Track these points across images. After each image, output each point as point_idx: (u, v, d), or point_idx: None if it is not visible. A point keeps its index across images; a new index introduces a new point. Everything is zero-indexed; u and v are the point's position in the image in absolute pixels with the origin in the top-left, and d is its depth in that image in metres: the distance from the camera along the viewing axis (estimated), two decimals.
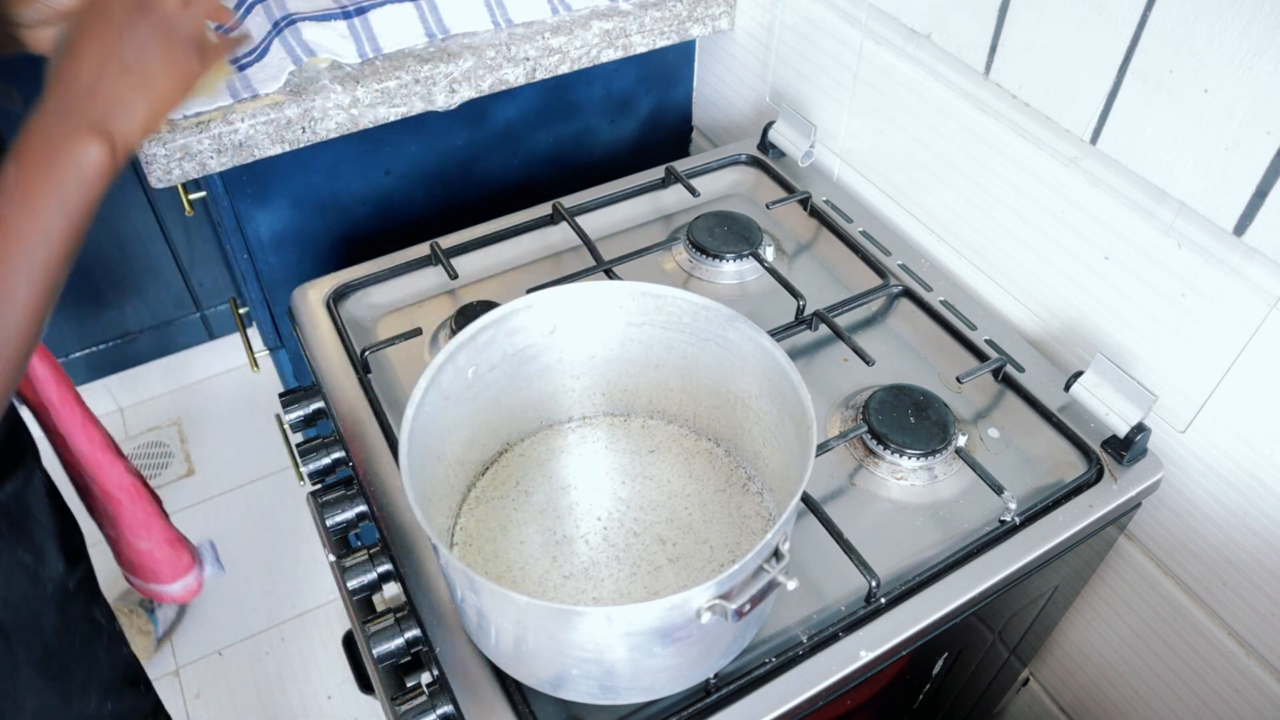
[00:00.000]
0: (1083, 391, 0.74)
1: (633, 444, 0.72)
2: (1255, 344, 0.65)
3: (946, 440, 0.72)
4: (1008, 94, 0.76)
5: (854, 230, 0.93)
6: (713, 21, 1.07)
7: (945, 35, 0.79)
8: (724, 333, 0.64)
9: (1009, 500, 0.68)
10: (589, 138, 1.16)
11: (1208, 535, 0.74)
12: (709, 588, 0.50)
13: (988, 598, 0.66)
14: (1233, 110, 0.59)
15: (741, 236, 0.90)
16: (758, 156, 1.02)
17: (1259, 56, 0.57)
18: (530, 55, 0.96)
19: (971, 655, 0.82)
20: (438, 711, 0.60)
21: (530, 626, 0.54)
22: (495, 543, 0.66)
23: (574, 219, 0.91)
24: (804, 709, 0.60)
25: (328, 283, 0.86)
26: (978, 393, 0.79)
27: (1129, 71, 0.65)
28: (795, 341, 0.83)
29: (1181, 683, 0.81)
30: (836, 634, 0.62)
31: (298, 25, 0.94)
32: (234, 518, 1.78)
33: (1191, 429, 0.72)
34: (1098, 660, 0.89)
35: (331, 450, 0.79)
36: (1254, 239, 0.61)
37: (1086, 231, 0.75)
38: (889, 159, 0.93)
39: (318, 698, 1.52)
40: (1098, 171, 0.72)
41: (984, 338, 0.82)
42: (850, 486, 0.72)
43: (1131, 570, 0.81)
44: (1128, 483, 0.72)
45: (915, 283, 0.88)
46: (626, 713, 0.59)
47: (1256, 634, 0.73)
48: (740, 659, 0.61)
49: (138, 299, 1.83)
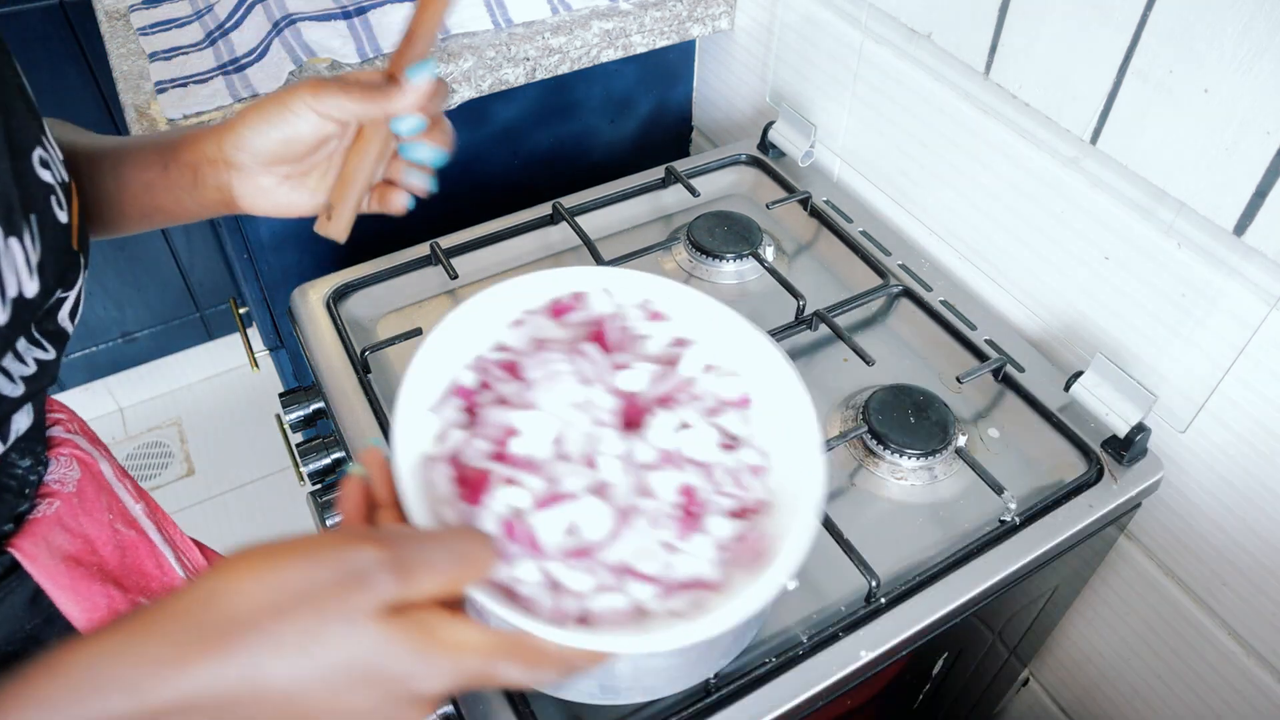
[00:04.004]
0: (1083, 391, 0.74)
1: None
2: (1255, 344, 0.65)
3: (946, 440, 0.72)
4: (1008, 94, 0.76)
5: (854, 230, 0.93)
6: (713, 21, 1.07)
7: (945, 35, 0.79)
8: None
9: (1009, 500, 0.68)
10: (589, 138, 1.15)
11: (1208, 535, 0.74)
12: None
13: (988, 598, 0.66)
14: (1233, 110, 0.59)
15: (741, 236, 0.90)
16: (758, 156, 1.02)
17: (1259, 56, 0.57)
18: (530, 55, 0.96)
19: (971, 655, 0.82)
20: (438, 711, 0.60)
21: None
22: None
23: (574, 219, 0.91)
24: (804, 709, 0.60)
25: (328, 283, 0.86)
26: (978, 393, 0.79)
27: (1129, 71, 0.65)
28: (795, 341, 0.83)
29: (1181, 683, 0.81)
30: (836, 634, 0.62)
31: (298, 25, 0.94)
32: (234, 518, 1.78)
33: (1191, 429, 0.72)
34: (1098, 660, 0.89)
35: (331, 450, 0.79)
36: (1254, 239, 0.61)
37: (1086, 231, 0.75)
38: (889, 159, 0.93)
39: None
40: (1098, 171, 0.72)
41: (984, 338, 0.82)
42: (850, 486, 0.72)
43: (1131, 570, 0.81)
44: (1128, 483, 0.72)
45: (915, 283, 0.88)
46: (626, 713, 0.59)
47: (1256, 634, 0.73)
48: (740, 659, 0.61)
49: (137, 299, 1.83)
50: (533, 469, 0.38)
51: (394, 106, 0.53)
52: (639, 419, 0.41)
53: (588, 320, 0.46)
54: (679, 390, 0.43)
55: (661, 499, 0.39)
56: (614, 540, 0.37)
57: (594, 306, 0.46)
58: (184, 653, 0.31)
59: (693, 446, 0.41)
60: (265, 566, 0.33)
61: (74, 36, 1.47)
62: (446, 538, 0.36)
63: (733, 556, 0.39)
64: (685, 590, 0.38)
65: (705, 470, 0.41)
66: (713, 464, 0.41)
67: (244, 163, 0.54)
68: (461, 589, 0.35)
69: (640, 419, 0.41)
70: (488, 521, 0.37)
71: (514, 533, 0.37)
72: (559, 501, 0.37)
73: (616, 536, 0.37)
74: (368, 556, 0.33)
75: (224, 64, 0.94)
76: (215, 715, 0.32)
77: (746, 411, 0.44)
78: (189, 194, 0.56)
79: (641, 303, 0.47)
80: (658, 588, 0.38)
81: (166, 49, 0.96)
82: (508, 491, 0.37)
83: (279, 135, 0.53)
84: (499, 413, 0.40)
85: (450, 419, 0.41)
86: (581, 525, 0.37)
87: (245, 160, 0.54)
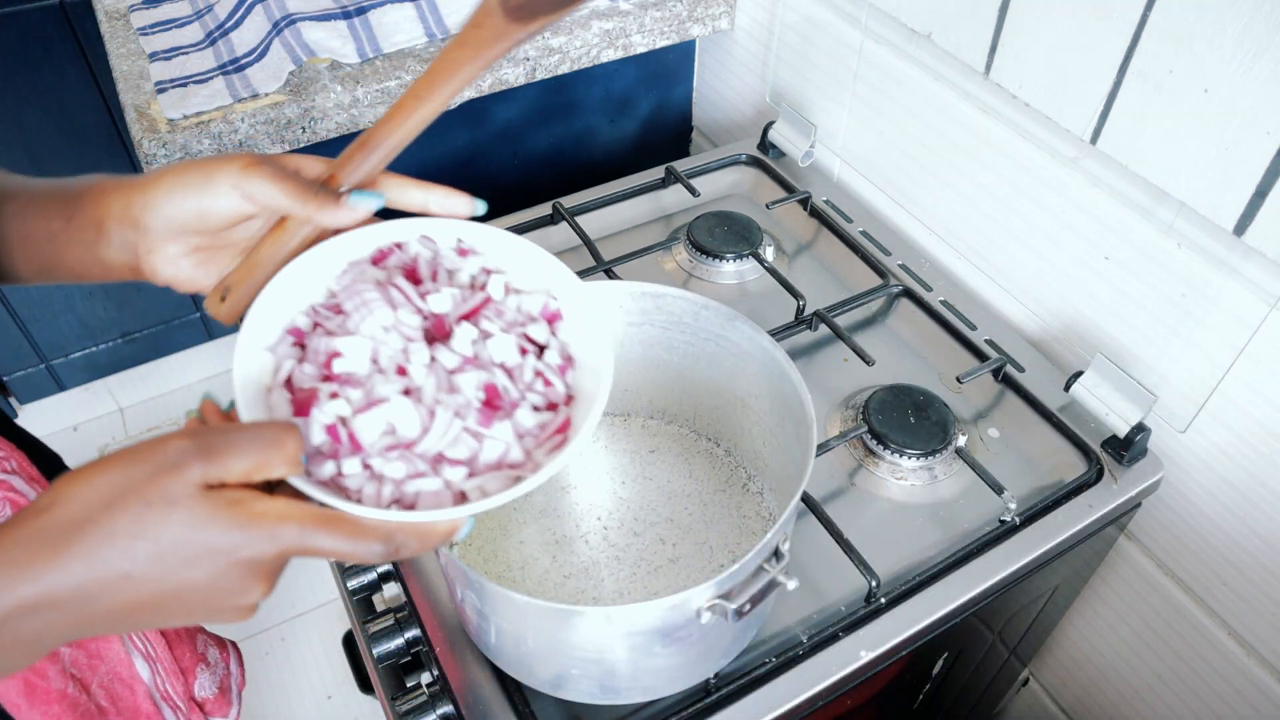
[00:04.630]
0: (1083, 391, 0.74)
1: (633, 444, 0.72)
2: (1255, 344, 0.65)
3: (946, 440, 0.72)
4: (1008, 94, 0.76)
5: (854, 230, 0.93)
6: (713, 21, 1.07)
7: (945, 35, 0.79)
8: (724, 333, 0.64)
9: (1009, 500, 0.68)
10: (589, 138, 1.15)
11: (1208, 535, 0.74)
12: (709, 587, 0.50)
13: (988, 598, 0.66)
14: (1233, 110, 0.59)
15: (741, 236, 0.90)
16: (758, 156, 1.02)
17: (1259, 56, 0.57)
18: (530, 55, 0.96)
19: (971, 655, 0.82)
20: (438, 711, 0.60)
21: (530, 626, 0.54)
22: (495, 542, 0.66)
23: (574, 219, 0.91)
24: (804, 709, 0.60)
25: None
26: (978, 393, 0.79)
27: (1129, 71, 0.65)
28: (795, 341, 0.83)
29: (1181, 683, 0.81)
30: (836, 634, 0.62)
31: (298, 25, 0.94)
32: None
33: (1191, 429, 0.72)
34: (1098, 660, 0.89)
35: None
36: (1254, 239, 0.61)
37: (1086, 231, 0.75)
38: (889, 159, 0.93)
39: (318, 698, 1.52)
40: (1098, 171, 0.72)
41: (984, 338, 0.82)
42: (850, 486, 0.72)
43: (1131, 570, 0.81)
44: (1128, 483, 0.72)
45: (915, 283, 0.88)
46: (626, 713, 0.59)
47: (1256, 634, 0.73)
48: (740, 659, 0.61)
49: (137, 299, 1.83)
50: (353, 383, 0.45)
51: (324, 220, 0.48)
52: (447, 335, 0.48)
53: (403, 261, 0.51)
54: (483, 307, 0.49)
55: (466, 395, 0.45)
56: (425, 435, 0.44)
57: (410, 250, 0.52)
58: (33, 556, 0.36)
59: (494, 351, 0.47)
60: (93, 472, 0.37)
61: (74, 36, 1.47)
62: (252, 427, 0.40)
63: (538, 443, 0.46)
64: (493, 471, 0.44)
65: (509, 372, 0.47)
66: (516, 366, 0.48)
67: (152, 226, 0.48)
68: (271, 471, 0.39)
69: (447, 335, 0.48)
70: (316, 431, 0.43)
71: (337, 434, 0.43)
72: (374, 406, 0.43)
73: (427, 431, 0.44)
74: (178, 446, 0.38)
75: (224, 64, 0.94)
76: (72, 609, 0.36)
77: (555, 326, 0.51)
78: (91, 250, 0.51)
79: (455, 244, 0.53)
80: (467, 469, 0.44)
81: (166, 49, 0.96)
82: (332, 404, 0.43)
83: (194, 206, 0.48)
84: (323, 340, 0.46)
85: (284, 354, 0.47)
86: (397, 424, 0.43)
87: (154, 224, 0.48)
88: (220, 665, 0.76)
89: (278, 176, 0.47)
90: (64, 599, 0.36)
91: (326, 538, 0.39)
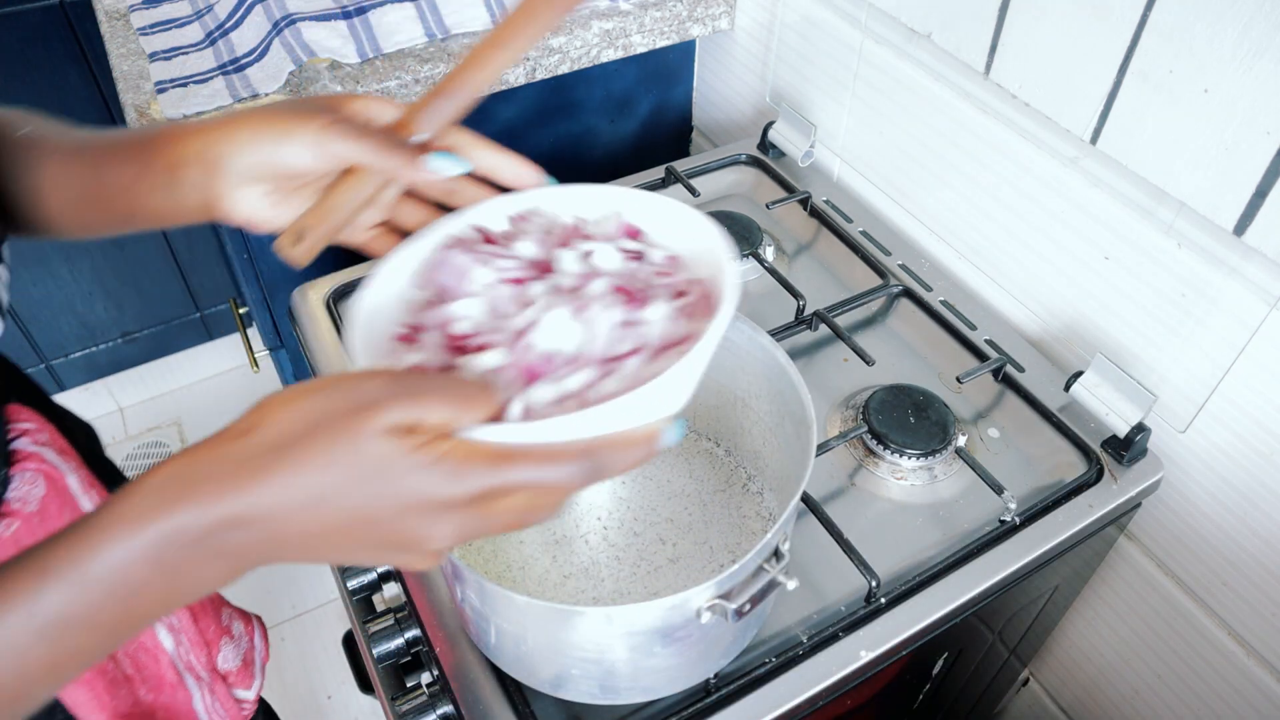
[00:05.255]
0: (1083, 391, 0.74)
1: None
2: (1255, 344, 0.65)
3: (946, 440, 0.72)
4: (1008, 94, 0.76)
5: (854, 230, 0.93)
6: (713, 21, 1.07)
7: (945, 35, 0.79)
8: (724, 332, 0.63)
9: (1009, 500, 0.68)
10: (589, 138, 1.15)
11: (1208, 535, 0.74)
12: (709, 587, 0.50)
13: (988, 598, 0.66)
14: (1233, 110, 0.59)
15: (741, 236, 0.90)
16: (758, 156, 1.02)
17: (1259, 56, 0.57)
18: (530, 55, 0.96)
19: (971, 655, 0.82)
20: (438, 711, 0.60)
21: (530, 626, 0.54)
22: (495, 542, 0.66)
23: None
24: (804, 709, 0.60)
25: (328, 283, 0.86)
26: (978, 393, 0.79)
27: (1129, 71, 0.65)
28: (795, 341, 0.83)
29: (1181, 683, 0.81)
30: (836, 634, 0.62)
31: (298, 25, 0.94)
32: None
33: (1191, 429, 0.72)
34: (1098, 660, 0.89)
35: None
36: (1254, 239, 0.61)
37: (1086, 231, 0.75)
38: (889, 159, 0.93)
39: (318, 698, 1.52)
40: (1098, 171, 0.72)
41: (984, 338, 0.82)
42: (850, 486, 0.72)
43: (1131, 570, 0.81)
44: (1128, 483, 0.72)
45: (915, 283, 0.88)
46: (626, 713, 0.59)
47: (1256, 634, 0.73)
48: (740, 659, 0.61)
49: (137, 299, 1.83)
50: (487, 332, 0.43)
51: (404, 176, 0.50)
52: (546, 268, 0.47)
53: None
54: (570, 236, 0.49)
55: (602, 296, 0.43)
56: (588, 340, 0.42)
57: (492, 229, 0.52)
58: (237, 473, 0.37)
59: (603, 261, 0.46)
60: (293, 401, 0.39)
61: (74, 36, 1.47)
62: (449, 378, 0.40)
63: (691, 313, 0.44)
64: (667, 351, 0.43)
65: (625, 275, 0.46)
66: (629, 270, 0.46)
67: (230, 169, 0.50)
68: (466, 422, 0.39)
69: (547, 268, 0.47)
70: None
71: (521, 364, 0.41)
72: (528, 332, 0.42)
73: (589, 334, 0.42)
74: (377, 383, 0.38)
75: (224, 64, 0.94)
76: (269, 528, 0.38)
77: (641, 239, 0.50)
78: (166, 194, 0.52)
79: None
80: (643, 355, 0.42)
81: (166, 49, 0.96)
82: (483, 356, 0.41)
83: (271, 157, 0.49)
84: (434, 316, 0.45)
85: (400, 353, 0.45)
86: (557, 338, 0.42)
87: (232, 168, 0.50)
88: (244, 638, 0.76)
89: (357, 135, 0.48)
90: (262, 517, 0.37)
91: (518, 470, 0.39)
